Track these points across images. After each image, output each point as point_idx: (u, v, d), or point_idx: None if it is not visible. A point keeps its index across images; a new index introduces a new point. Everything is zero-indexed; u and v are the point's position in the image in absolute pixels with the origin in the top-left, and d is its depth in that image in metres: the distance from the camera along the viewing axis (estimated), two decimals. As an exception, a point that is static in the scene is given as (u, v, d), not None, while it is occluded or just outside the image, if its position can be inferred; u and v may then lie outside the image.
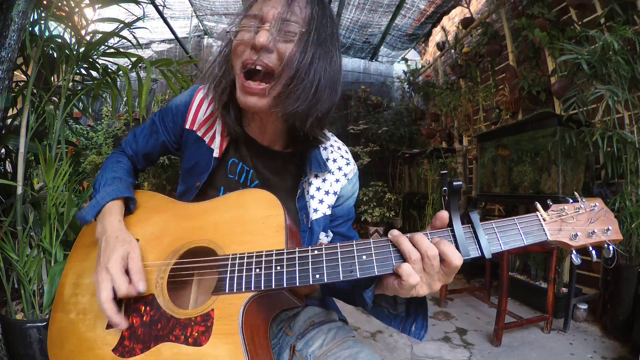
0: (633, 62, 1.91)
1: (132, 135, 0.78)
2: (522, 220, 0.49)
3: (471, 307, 2.52)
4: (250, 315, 0.51)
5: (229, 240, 0.56)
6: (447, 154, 3.96)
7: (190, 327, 0.50)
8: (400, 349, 1.87)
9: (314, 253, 0.50)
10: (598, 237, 0.49)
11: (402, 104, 5.71)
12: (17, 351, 1.15)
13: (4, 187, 1.27)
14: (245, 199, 0.59)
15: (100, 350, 0.54)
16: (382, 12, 4.38)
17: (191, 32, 5.34)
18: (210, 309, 0.51)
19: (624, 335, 1.89)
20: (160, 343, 0.51)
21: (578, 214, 0.50)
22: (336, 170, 0.73)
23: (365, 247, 0.49)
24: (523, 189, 2.59)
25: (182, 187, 0.74)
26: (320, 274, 0.48)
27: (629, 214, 1.88)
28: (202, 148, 0.70)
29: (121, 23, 1.40)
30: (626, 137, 1.92)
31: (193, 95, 0.73)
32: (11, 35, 1.13)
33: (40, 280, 1.25)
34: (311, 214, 0.69)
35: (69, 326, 0.59)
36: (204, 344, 0.49)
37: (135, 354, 0.51)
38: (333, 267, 0.48)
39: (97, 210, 0.64)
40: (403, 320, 0.58)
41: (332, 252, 0.49)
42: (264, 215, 0.56)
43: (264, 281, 0.49)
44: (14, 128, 1.38)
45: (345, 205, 0.75)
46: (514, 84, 3.05)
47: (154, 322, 0.53)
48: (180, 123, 0.73)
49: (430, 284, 0.46)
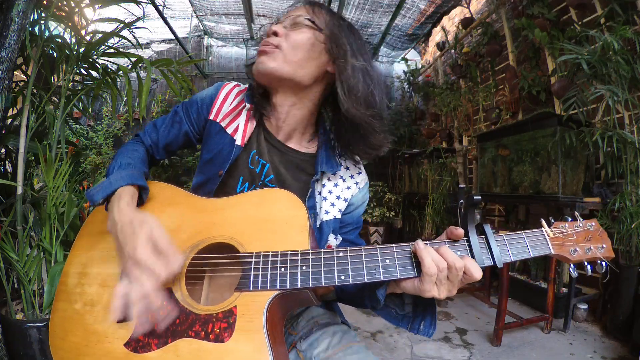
0: (633, 62, 1.91)
1: (151, 125, 0.78)
2: (530, 235, 0.55)
3: (471, 307, 2.52)
4: (272, 313, 0.51)
5: (251, 238, 0.55)
6: (447, 154, 3.96)
7: (211, 323, 0.50)
8: (400, 349, 1.87)
9: (339, 255, 0.51)
10: (593, 253, 0.56)
11: (402, 104, 5.71)
12: (17, 351, 1.15)
13: (4, 187, 1.27)
14: (268, 198, 0.59)
15: (110, 345, 0.52)
16: (382, 12, 4.38)
17: (191, 32, 5.34)
18: (233, 305, 0.50)
19: (624, 335, 1.89)
20: (179, 339, 0.50)
21: (577, 231, 0.57)
22: (348, 178, 0.74)
23: (388, 251, 0.52)
24: (523, 189, 2.59)
25: (199, 178, 0.74)
26: (345, 275, 0.50)
27: (629, 214, 1.88)
28: (224, 138, 0.72)
29: (121, 23, 1.40)
30: (626, 137, 1.92)
31: (219, 89, 0.77)
32: (11, 35, 1.13)
33: (40, 280, 1.25)
34: (322, 215, 0.70)
35: (74, 317, 0.56)
36: (226, 340, 0.48)
37: (150, 349, 0.50)
38: (358, 269, 0.50)
39: (108, 192, 0.60)
40: (411, 320, 0.61)
41: (357, 255, 0.51)
42: (288, 215, 0.56)
43: (290, 280, 0.50)
44: (14, 128, 1.38)
45: (355, 213, 0.76)
46: (514, 84, 3.05)
47: (172, 317, 0.52)
48: (205, 114, 0.75)
49: (451, 289, 0.51)
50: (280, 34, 0.66)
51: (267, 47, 0.66)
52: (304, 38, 0.66)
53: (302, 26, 0.67)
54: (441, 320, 2.28)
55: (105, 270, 0.58)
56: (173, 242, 0.54)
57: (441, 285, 0.50)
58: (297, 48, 0.65)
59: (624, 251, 1.95)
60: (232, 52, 5.77)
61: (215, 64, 5.72)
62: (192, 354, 0.48)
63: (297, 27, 0.67)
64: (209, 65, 5.67)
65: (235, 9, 4.56)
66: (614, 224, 1.96)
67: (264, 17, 4.73)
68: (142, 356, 0.50)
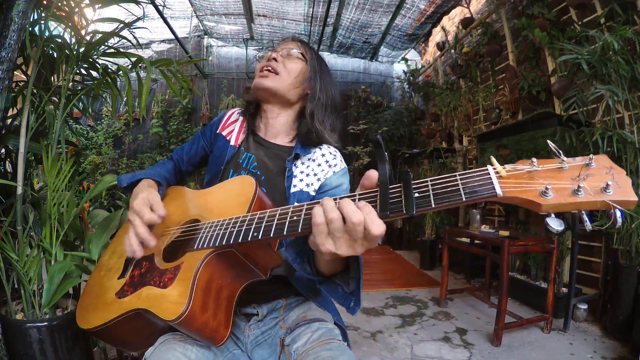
0: (633, 62, 1.91)
1: (180, 148, 1.02)
2: (468, 176, 0.42)
3: (471, 307, 2.52)
4: (209, 270, 0.60)
5: (211, 213, 0.70)
6: (447, 154, 3.96)
7: (164, 274, 0.63)
8: (401, 349, 1.87)
9: (259, 216, 0.57)
10: (590, 195, 0.37)
11: (402, 104, 5.71)
12: (17, 351, 1.15)
13: (4, 187, 1.27)
14: (232, 183, 0.75)
15: (109, 295, 0.68)
16: (382, 12, 4.38)
17: (191, 32, 5.34)
18: (181, 262, 0.63)
19: (624, 335, 1.89)
20: (144, 287, 0.63)
21: (560, 169, 0.41)
22: (323, 162, 0.88)
23: (298, 209, 0.53)
24: (523, 189, 2.59)
25: (208, 175, 0.92)
26: (257, 232, 0.55)
27: (629, 214, 1.88)
28: (224, 143, 0.93)
29: (121, 23, 1.40)
30: (626, 137, 1.92)
31: (225, 112, 1.02)
32: (11, 35, 1.13)
33: (40, 280, 1.24)
34: (291, 189, 0.83)
35: (98, 280, 0.75)
36: (168, 286, 0.60)
37: (127, 295, 0.65)
38: (268, 227, 0.55)
39: (133, 179, 0.81)
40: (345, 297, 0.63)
41: (272, 215, 0.56)
42: (239, 193, 0.68)
43: (219, 239, 0.59)
44: (14, 128, 1.38)
45: (330, 193, 0.85)
46: (514, 84, 3.05)
47: (147, 272, 0.67)
48: (215, 130, 0.98)
49: (353, 245, 0.47)
50: (278, 61, 0.88)
51: (266, 72, 0.87)
52: (296, 67, 0.88)
53: (294, 57, 0.89)
54: (441, 320, 2.28)
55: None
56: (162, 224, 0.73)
57: (337, 239, 0.47)
58: (290, 73, 0.87)
59: (623, 251, 1.95)
60: (232, 52, 5.77)
61: (215, 64, 5.72)
62: (147, 297, 0.62)
63: (290, 57, 0.89)
64: (209, 65, 5.68)
65: (235, 9, 4.56)
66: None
67: (264, 17, 4.73)
68: (121, 300, 0.65)
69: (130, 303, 0.63)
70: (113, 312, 0.64)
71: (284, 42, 0.93)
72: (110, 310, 0.65)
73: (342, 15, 4.26)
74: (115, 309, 0.64)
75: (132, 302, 0.63)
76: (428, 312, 2.42)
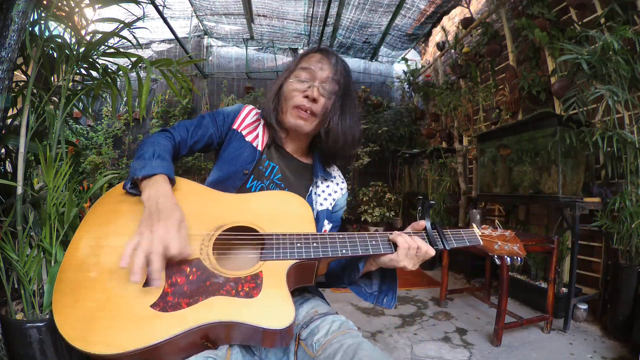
0: (633, 62, 1.91)
1: (182, 126, 0.90)
2: (467, 232, 0.81)
3: (471, 307, 2.52)
4: (288, 279, 0.63)
5: (268, 224, 0.70)
6: (447, 154, 3.96)
7: (240, 284, 0.60)
8: (401, 349, 1.87)
9: (339, 237, 0.70)
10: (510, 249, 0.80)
11: (402, 104, 5.71)
12: (17, 351, 1.15)
13: (4, 187, 1.27)
14: (281, 197, 0.77)
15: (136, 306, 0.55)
16: (382, 12, 4.38)
17: (191, 32, 5.33)
18: (259, 270, 0.62)
19: (624, 335, 1.89)
20: (211, 297, 0.58)
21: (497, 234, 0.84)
22: (334, 185, 0.97)
23: (373, 236, 0.72)
24: (523, 189, 2.60)
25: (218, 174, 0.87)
26: (345, 250, 0.68)
27: (629, 214, 1.88)
28: (245, 144, 0.90)
29: (121, 23, 1.40)
30: (626, 137, 1.92)
31: (242, 108, 0.97)
32: (11, 35, 1.13)
33: (40, 280, 1.24)
34: (317, 207, 0.90)
35: (89, 284, 0.59)
36: (255, 296, 0.59)
37: (180, 307, 0.56)
38: (353, 246, 0.70)
39: (150, 173, 0.71)
40: (376, 296, 0.82)
41: (352, 237, 0.71)
42: (299, 211, 0.74)
43: (305, 252, 0.66)
44: (14, 128, 1.38)
45: (337, 213, 0.98)
46: (514, 84, 3.05)
47: (202, 280, 0.60)
48: (229, 123, 0.93)
49: (415, 263, 0.74)
50: (318, 101, 0.85)
51: (307, 114, 0.86)
52: (330, 104, 0.87)
53: (332, 94, 0.87)
54: (441, 320, 2.28)
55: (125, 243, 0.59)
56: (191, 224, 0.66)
57: (410, 259, 0.73)
58: (325, 113, 0.87)
59: (623, 251, 1.95)
60: (232, 52, 5.77)
61: (215, 64, 5.72)
62: (226, 307, 0.56)
63: (328, 94, 0.86)
64: (209, 65, 5.67)
65: (235, 9, 4.56)
66: (614, 224, 1.97)
67: (263, 17, 4.73)
68: (174, 314, 0.55)
69: (199, 316, 0.55)
70: (165, 329, 0.53)
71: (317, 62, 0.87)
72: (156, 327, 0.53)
73: (342, 15, 4.25)
74: (168, 325, 0.53)
75: (201, 315, 0.55)
76: (428, 312, 2.42)
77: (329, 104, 0.86)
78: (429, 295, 2.77)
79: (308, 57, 0.90)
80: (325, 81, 0.86)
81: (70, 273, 0.60)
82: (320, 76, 0.86)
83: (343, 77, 0.89)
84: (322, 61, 0.88)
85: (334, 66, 0.88)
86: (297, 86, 0.86)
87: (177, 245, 0.59)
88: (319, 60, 0.88)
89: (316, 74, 0.86)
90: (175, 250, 0.58)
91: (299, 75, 0.87)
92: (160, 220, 0.60)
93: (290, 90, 0.87)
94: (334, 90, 0.87)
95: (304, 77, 0.87)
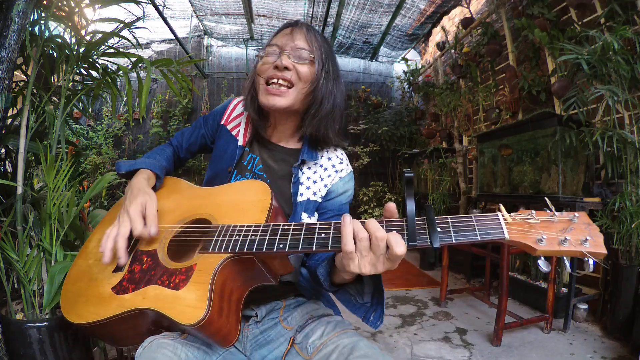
0: (633, 62, 1.91)
1: (180, 132, 0.97)
2: (482, 218, 0.51)
3: (471, 307, 2.52)
4: (224, 274, 0.59)
5: (224, 215, 0.68)
6: (447, 154, 3.96)
7: (175, 275, 0.61)
8: (400, 349, 1.87)
9: (284, 228, 0.59)
10: (572, 246, 0.47)
11: (402, 104, 5.71)
12: (17, 351, 1.15)
13: (4, 187, 1.27)
14: (245, 186, 0.73)
15: (103, 288, 0.65)
16: (382, 12, 4.38)
17: (191, 32, 5.33)
18: (194, 263, 0.61)
19: (624, 335, 1.89)
20: (149, 285, 0.62)
21: (548, 219, 0.50)
22: (329, 167, 0.85)
23: (326, 227, 0.57)
24: (523, 189, 2.59)
25: (210, 172, 0.88)
26: (283, 244, 0.57)
27: (629, 214, 1.88)
28: (231, 140, 0.88)
29: (121, 23, 1.40)
30: (626, 137, 1.92)
31: (230, 101, 0.95)
32: (11, 35, 1.13)
33: (40, 280, 1.24)
34: (298, 198, 0.80)
35: (86, 269, 0.71)
36: (181, 288, 0.59)
37: (127, 292, 0.63)
38: (295, 240, 0.56)
39: (132, 167, 0.79)
40: (367, 309, 0.66)
41: (298, 229, 0.58)
42: (256, 199, 0.68)
43: (239, 245, 0.59)
44: (14, 128, 1.38)
45: (336, 200, 0.85)
46: (514, 84, 3.05)
47: (150, 270, 0.64)
48: (218, 120, 0.92)
49: (375, 264, 0.51)
50: (290, 69, 0.75)
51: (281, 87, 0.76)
52: (309, 72, 0.77)
53: (306, 60, 0.76)
54: (441, 320, 2.28)
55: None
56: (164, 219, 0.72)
57: (362, 257, 0.51)
58: (304, 82, 0.77)
59: (623, 251, 1.95)
60: (232, 52, 5.77)
61: (215, 64, 5.72)
62: (154, 296, 0.60)
63: (301, 60, 0.76)
64: (209, 65, 5.67)
65: (235, 9, 4.56)
66: (614, 224, 1.97)
67: (264, 17, 4.73)
68: (120, 297, 0.62)
69: (134, 301, 0.61)
70: (112, 309, 0.62)
71: (285, 35, 0.78)
72: (107, 307, 0.62)
73: (342, 15, 4.25)
74: (115, 305, 0.62)
75: (136, 301, 0.61)
76: (428, 312, 2.42)
77: (305, 70, 0.76)
78: (429, 295, 2.77)
79: (277, 35, 0.81)
80: (297, 48, 0.76)
81: (80, 259, 0.74)
82: (291, 45, 0.76)
83: (319, 44, 0.79)
84: (292, 32, 0.78)
85: (307, 34, 0.78)
86: (266, 59, 0.77)
87: (138, 225, 0.65)
88: (289, 33, 0.79)
89: (286, 44, 0.77)
90: (137, 231, 0.64)
91: (268, 51, 0.78)
92: (125, 206, 0.67)
93: (260, 69, 0.79)
94: (309, 57, 0.76)
95: (272, 50, 0.78)
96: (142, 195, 0.69)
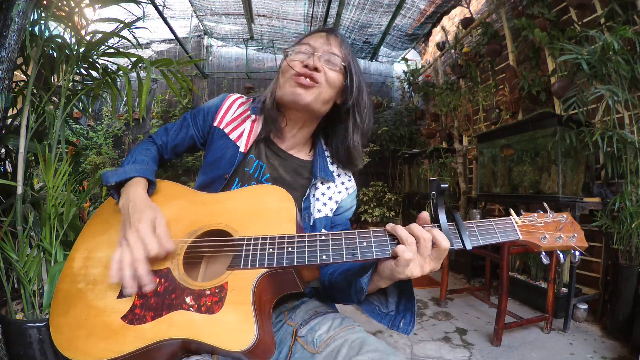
0: (633, 62, 1.90)
1: (163, 129, 0.87)
2: (499, 222, 0.59)
3: (471, 307, 2.52)
4: (259, 290, 0.55)
5: (244, 225, 0.62)
6: (447, 154, 3.96)
7: (204, 297, 0.54)
8: (400, 349, 1.87)
9: (321, 238, 0.57)
10: (565, 242, 0.60)
11: (402, 104, 5.70)
12: (17, 351, 1.15)
13: (4, 187, 1.27)
14: (261, 192, 0.67)
15: (109, 318, 0.56)
16: (382, 12, 4.38)
17: (191, 32, 5.33)
18: (225, 281, 0.55)
19: (624, 335, 1.89)
20: (173, 311, 0.54)
21: (546, 221, 0.61)
22: (339, 184, 0.84)
23: (365, 235, 0.56)
24: (523, 189, 2.59)
25: (204, 178, 0.81)
26: (326, 255, 0.55)
27: (629, 214, 1.88)
28: (228, 144, 0.80)
29: (121, 23, 1.40)
30: (626, 137, 1.92)
31: (224, 99, 0.86)
32: (11, 35, 1.13)
33: (40, 280, 1.24)
34: (315, 213, 0.78)
35: (77, 295, 0.60)
36: (216, 312, 0.52)
37: (145, 321, 0.54)
38: (338, 250, 0.55)
39: (122, 177, 0.68)
40: (392, 317, 0.65)
41: (337, 238, 0.56)
42: (278, 207, 0.63)
43: (277, 259, 0.55)
44: (14, 128, 1.38)
45: (343, 215, 0.85)
46: (514, 84, 3.05)
47: (168, 293, 0.56)
48: (210, 121, 0.84)
49: (422, 265, 0.54)
50: (320, 70, 0.73)
51: (307, 81, 0.72)
52: (338, 79, 0.75)
53: (336, 67, 0.75)
54: (441, 320, 2.28)
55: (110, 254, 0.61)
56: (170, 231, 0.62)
57: (423, 258, 0.54)
58: (331, 87, 0.74)
59: (623, 251, 1.95)
60: (232, 52, 5.77)
61: (215, 64, 5.72)
62: (183, 324, 0.52)
63: (332, 65, 0.74)
64: (209, 65, 5.67)
65: (235, 9, 4.56)
66: (614, 224, 1.97)
67: (263, 17, 4.73)
68: (137, 327, 0.54)
69: (158, 332, 0.52)
70: (130, 343, 0.52)
71: (320, 38, 0.77)
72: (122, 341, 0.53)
73: (342, 15, 4.25)
74: (133, 338, 0.53)
75: (160, 331, 0.52)
76: (428, 312, 2.42)
77: (334, 76, 0.74)
78: (429, 295, 2.77)
79: (311, 36, 0.79)
80: (330, 53, 0.74)
81: (65, 283, 0.63)
82: (325, 49, 0.74)
83: (352, 58, 0.78)
84: (328, 37, 0.77)
85: (342, 44, 0.77)
86: (295, 57, 0.75)
87: (154, 245, 0.57)
88: (324, 37, 0.77)
89: (320, 47, 0.75)
90: (154, 251, 0.56)
91: (299, 49, 0.76)
92: (133, 225, 0.59)
93: (287, 65, 0.75)
94: (340, 64, 0.75)
95: (304, 49, 0.75)
96: (149, 211, 0.62)
